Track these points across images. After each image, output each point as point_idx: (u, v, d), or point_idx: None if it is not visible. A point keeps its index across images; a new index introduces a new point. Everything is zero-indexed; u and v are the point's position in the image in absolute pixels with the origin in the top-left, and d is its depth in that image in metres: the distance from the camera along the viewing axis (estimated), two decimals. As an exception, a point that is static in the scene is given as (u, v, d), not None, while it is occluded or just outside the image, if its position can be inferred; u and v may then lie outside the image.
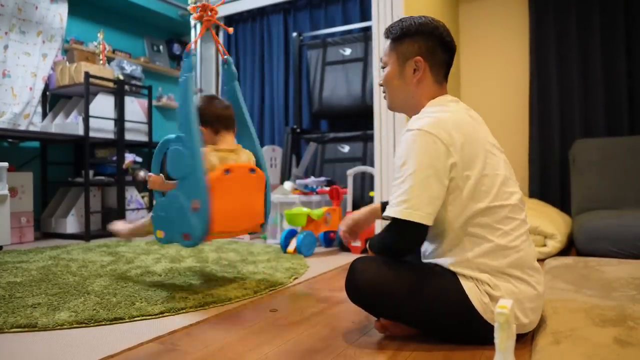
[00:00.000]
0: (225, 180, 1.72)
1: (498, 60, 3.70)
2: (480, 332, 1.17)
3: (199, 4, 1.88)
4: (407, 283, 1.20)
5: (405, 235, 1.18)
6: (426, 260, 1.31)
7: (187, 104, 1.72)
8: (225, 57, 1.98)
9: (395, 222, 1.17)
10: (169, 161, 1.71)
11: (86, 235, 3.29)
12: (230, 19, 4.59)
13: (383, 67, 1.37)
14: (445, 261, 1.21)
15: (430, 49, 1.28)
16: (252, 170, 1.85)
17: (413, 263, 1.30)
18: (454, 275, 1.19)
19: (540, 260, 2.29)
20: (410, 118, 1.29)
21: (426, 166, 1.14)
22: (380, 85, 1.38)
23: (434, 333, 1.26)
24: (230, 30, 2.02)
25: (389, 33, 1.35)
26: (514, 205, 1.19)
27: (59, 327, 1.39)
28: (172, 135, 1.76)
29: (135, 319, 1.47)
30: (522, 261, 1.17)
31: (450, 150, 1.15)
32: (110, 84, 3.56)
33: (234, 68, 1.99)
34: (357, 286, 1.25)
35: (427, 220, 1.13)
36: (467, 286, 1.16)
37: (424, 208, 1.13)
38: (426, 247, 1.31)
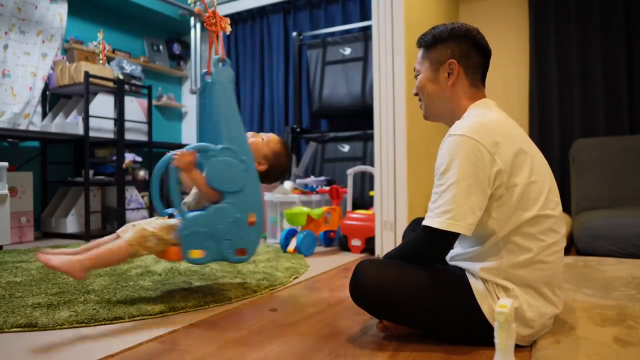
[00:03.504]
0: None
1: (498, 60, 3.70)
2: (486, 336, 1.14)
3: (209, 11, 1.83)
4: (413, 286, 1.18)
5: (444, 245, 1.16)
6: (452, 263, 1.28)
7: (235, 115, 1.66)
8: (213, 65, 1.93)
9: (434, 231, 1.12)
10: (216, 173, 1.59)
11: (86, 234, 3.29)
12: (230, 19, 4.58)
13: (416, 76, 1.34)
14: (474, 266, 1.18)
15: (463, 52, 1.26)
16: None
17: (419, 266, 1.29)
18: (463, 278, 1.18)
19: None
20: (449, 127, 1.24)
21: (469, 175, 1.09)
22: (415, 94, 1.35)
23: (439, 335, 1.25)
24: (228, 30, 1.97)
25: (421, 41, 1.32)
26: (558, 217, 1.17)
27: (59, 326, 1.39)
28: (170, 153, 1.60)
29: (135, 318, 1.47)
30: (552, 278, 1.16)
31: (495, 158, 1.10)
32: (110, 84, 3.56)
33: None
34: (362, 288, 1.23)
35: (468, 232, 1.10)
36: (477, 290, 1.15)
37: (466, 219, 1.09)
38: (455, 250, 1.28)
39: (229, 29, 1.83)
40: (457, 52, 1.26)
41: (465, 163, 1.10)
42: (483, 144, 1.11)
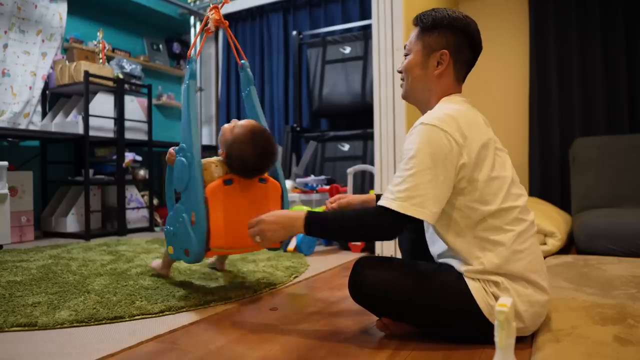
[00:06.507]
0: (227, 191, 1.59)
1: (498, 60, 3.70)
2: (485, 334, 1.15)
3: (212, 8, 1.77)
4: (411, 283, 1.19)
5: (400, 228, 1.15)
6: (440, 260, 1.29)
7: (188, 112, 1.62)
8: (242, 61, 1.87)
9: (395, 214, 1.11)
10: (174, 172, 1.62)
11: (86, 234, 3.29)
12: (229, 18, 4.58)
13: (406, 55, 1.33)
14: (458, 263, 1.20)
15: (458, 45, 1.25)
16: (262, 179, 1.69)
17: (417, 262, 1.29)
18: (460, 275, 1.18)
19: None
20: (421, 113, 1.30)
21: (437, 164, 1.11)
22: (399, 72, 1.34)
23: (438, 332, 1.25)
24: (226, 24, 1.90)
25: (419, 21, 1.30)
26: (523, 207, 1.18)
27: (59, 326, 1.39)
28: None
29: (135, 317, 1.47)
30: (534, 264, 1.16)
31: (462, 151, 1.13)
32: (110, 83, 3.56)
33: (250, 72, 1.86)
34: (361, 286, 1.24)
35: (432, 220, 1.11)
36: (474, 287, 1.15)
37: (431, 207, 1.10)
38: (439, 248, 1.29)
39: (212, 29, 1.78)
40: (452, 43, 1.25)
41: (434, 152, 1.11)
42: (453, 136, 1.12)
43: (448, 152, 1.12)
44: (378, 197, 1.52)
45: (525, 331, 1.19)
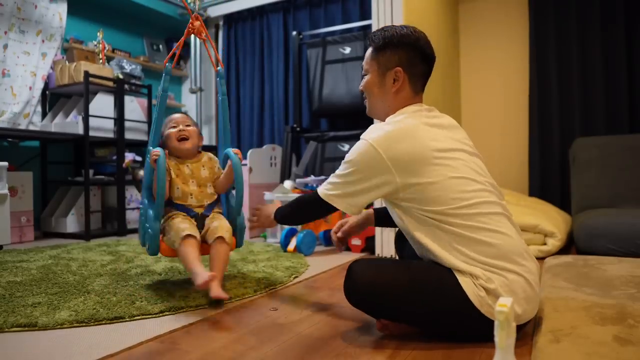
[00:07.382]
0: None
1: (498, 59, 3.70)
2: (479, 328, 1.17)
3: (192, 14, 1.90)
4: (405, 283, 1.21)
5: (327, 211, 1.38)
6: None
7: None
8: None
9: (320, 199, 1.34)
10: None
11: (86, 234, 3.29)
12: (229, 18, 4.58)
13: (364, 75, 1.40)
14: (437, 260, 1.22)
15: (410, 61, 1.32)
16: None
17: (409, 262, 1.31)
18: (450, 271, 1.20)
19: (540, 259, 2.29)
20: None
21: (361, 170, 1.25)
22: (361, 91, 1.42)
23: (434, 330, 1.26)
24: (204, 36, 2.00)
25: (371, 41, 1.37)
26: (482, 202, 1.20)
27: (59, 326, 1.39)
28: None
29: (135, 318, 1.47)
30: (505, 252, 1.18)
31: (389, 165, 1.21)
32: (110, 83, 3.56)
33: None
34: (355, 290, 1.26)
35: (347, 210, 1.30)
36: (464, 281, 1.17)
37: (348, 200, 1.29)
38: (420, 250, 1.31)
39: (203, 35, 1.95)
40: (404, 60, 1.31)
41: (361, 162, 1.26)
42: (381, 151, 1.22)
43: (375, 164, 1.23)
44: (376, 211, 1.62)
45: (518, 319, 1.18)
